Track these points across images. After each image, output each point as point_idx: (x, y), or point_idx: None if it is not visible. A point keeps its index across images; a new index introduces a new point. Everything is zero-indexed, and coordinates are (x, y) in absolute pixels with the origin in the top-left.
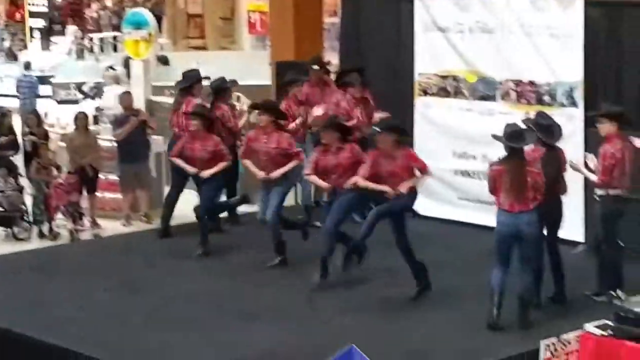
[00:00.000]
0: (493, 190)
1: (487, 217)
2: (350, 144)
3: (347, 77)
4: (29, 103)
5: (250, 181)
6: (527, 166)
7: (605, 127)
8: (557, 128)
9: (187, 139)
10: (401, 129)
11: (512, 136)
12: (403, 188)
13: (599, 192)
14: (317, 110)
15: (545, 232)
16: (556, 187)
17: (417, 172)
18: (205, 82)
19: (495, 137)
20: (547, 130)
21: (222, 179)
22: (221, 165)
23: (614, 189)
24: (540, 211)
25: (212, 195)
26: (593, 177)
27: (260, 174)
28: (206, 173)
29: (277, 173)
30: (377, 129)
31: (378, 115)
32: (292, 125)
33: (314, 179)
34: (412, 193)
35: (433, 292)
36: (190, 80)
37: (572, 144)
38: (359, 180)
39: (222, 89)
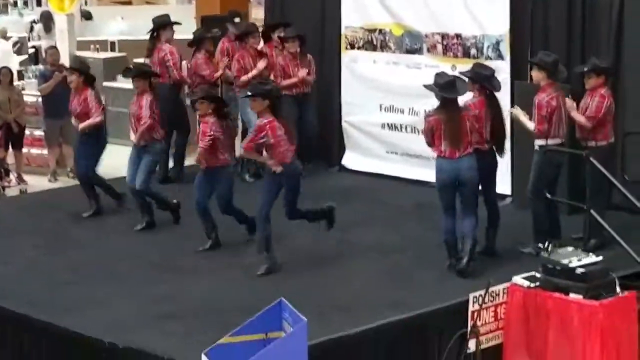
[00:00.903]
0: (431, 140)
1: (415, 170)
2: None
3: (280, 32)
4: None
5: None
6: (462, 112)
7: (538, 76)
8: (496, 77)
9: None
10: (271, 94)
11: (446, 87)
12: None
13: (538, 142)
14: (261, 64)
15: (480, 184)
16: (497, 135)
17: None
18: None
19: (427, 87)
20: (490, 79)
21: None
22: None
23: (552, 139)
24: (479, 161)
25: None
26: (531, 126)
27: None
28: (81, 126)
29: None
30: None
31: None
32: (244, 78)
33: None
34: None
35: (360, 246)
36: (156, 26)
37: (499, 97)
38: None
39: (201, 39)
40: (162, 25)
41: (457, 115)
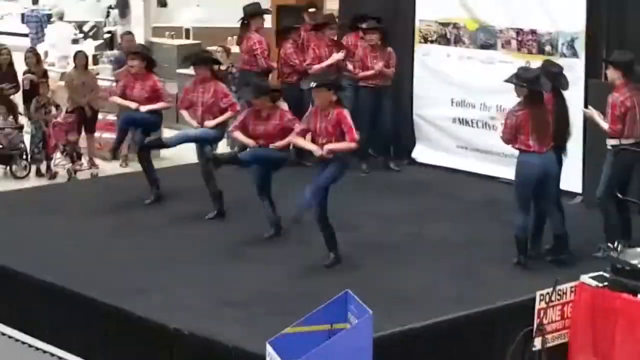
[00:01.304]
0: (514, 136)
1: (484, 165)
2: (282, 111)
3: (362, 23)
4: (36, 39)
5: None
6: (547, 106)
7: (613, 75)
8: (565, 75)
9: (129, 79)
10: (338, 85)
11: (534, 81)
12: (326, 151)
13: (611, 142)
14: (338, 55)
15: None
16: (561, 134)
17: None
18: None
19: (511, 81)
20: (558, 77)
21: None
22: (159, 105)
23: (626, 139)
24: None
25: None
26: (605, 126)
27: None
28: (144, 108)
29: (212, 123)
30: (313, 83)
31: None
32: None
33: (238, 134)
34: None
35: (429, 240)
36: (247, 14)
37: (572, 95)
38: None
39: (257, 13)
40: (253, 14)
41: (544, 109)
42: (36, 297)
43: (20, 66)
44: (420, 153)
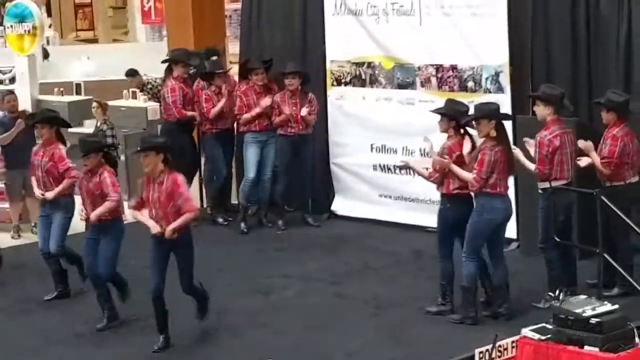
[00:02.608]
0: (486, 177)
1: (411, 214)
2: (173, 174)
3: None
4: None
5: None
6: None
7: (543, 112)
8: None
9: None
10: (165, 147)
11: (497, 111)
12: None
13: (541, 185)
14: (265, 101)
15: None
16: None
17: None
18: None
19: (473, 116)
20: (463, 115)
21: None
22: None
23: (555, 181)
24: (467, 207)
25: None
26: (531, 167)
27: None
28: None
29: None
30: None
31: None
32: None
33: (136, 214)
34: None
35: (354, 300)
36: (169, 61)
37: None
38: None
39: (177, 60)
40: (174, 61)
41: (509, 145)
42: None
43: None
44: (340, 205)
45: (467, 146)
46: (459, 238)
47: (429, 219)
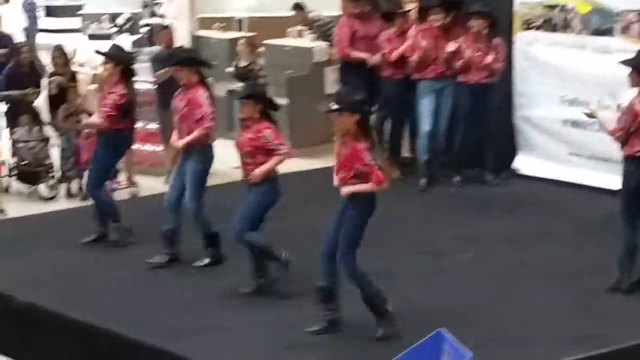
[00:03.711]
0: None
1: (603, 176)
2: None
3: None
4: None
5: None
6: None
7: None
8: None
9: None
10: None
11: None
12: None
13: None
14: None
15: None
16: None
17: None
18: None
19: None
20: None
21: None
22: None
23: None
24: None
25: None
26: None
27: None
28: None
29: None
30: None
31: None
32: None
33: None
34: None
35: (536, 267)
36: None
37: None
38: None
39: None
40: None
41: None
42: (63, 338)
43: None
44: (524, 163)
45: None
46: None
47: None
